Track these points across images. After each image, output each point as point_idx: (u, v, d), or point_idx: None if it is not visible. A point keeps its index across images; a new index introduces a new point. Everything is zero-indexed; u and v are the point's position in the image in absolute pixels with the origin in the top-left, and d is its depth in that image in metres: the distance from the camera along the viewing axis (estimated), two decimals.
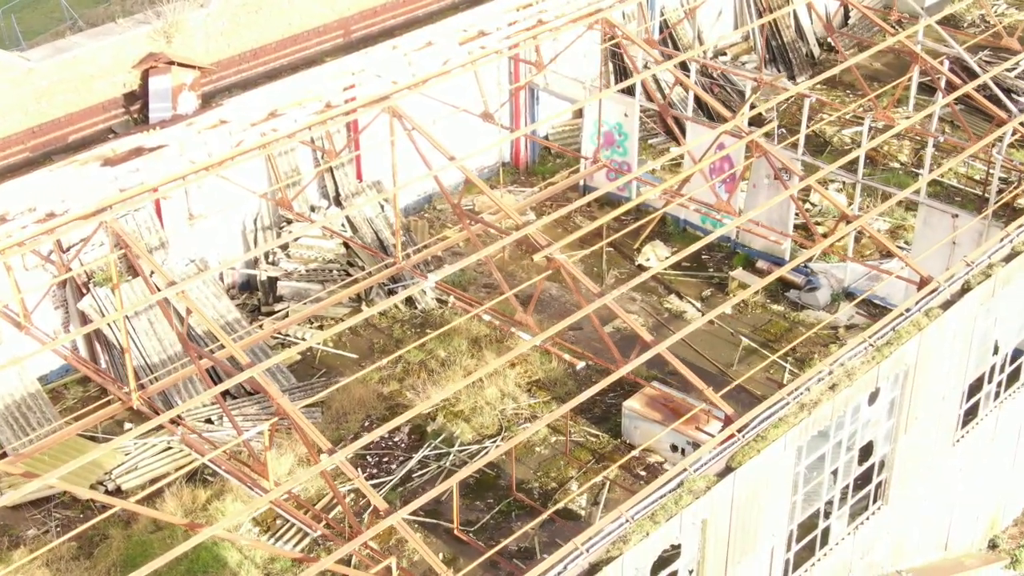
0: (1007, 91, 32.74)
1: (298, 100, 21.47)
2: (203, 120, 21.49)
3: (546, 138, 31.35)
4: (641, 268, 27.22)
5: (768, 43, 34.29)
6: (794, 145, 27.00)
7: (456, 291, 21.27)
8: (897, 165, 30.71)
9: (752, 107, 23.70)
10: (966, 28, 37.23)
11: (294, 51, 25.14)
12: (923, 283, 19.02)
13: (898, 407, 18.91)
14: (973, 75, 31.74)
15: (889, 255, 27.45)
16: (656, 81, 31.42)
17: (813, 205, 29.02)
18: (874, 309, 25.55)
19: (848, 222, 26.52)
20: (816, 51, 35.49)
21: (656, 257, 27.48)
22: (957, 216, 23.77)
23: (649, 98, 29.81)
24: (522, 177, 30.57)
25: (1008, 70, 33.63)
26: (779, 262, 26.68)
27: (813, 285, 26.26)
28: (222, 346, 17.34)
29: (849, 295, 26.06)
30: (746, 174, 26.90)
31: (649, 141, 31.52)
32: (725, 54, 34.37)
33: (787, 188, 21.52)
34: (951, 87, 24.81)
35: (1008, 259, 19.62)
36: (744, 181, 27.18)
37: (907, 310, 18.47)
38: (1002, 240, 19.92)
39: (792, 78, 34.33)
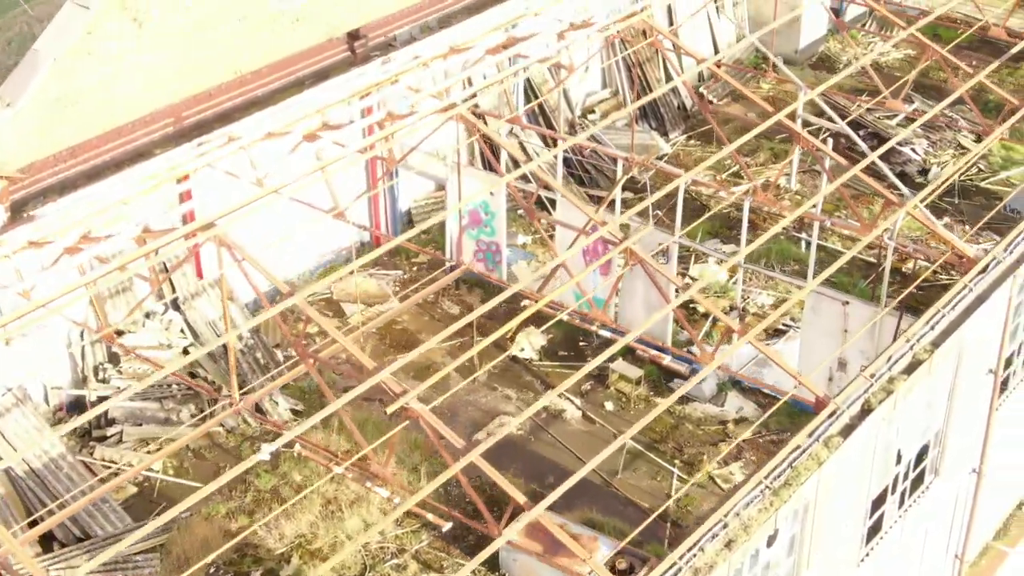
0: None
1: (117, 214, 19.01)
2: (12, 237, 18.97)
3: (408, 212, 29.15)
4: (516, 360, 25.20)
5: (639, 98, 32.55)
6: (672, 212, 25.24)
7: (303, 440, 18.84)
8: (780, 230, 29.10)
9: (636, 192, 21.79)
10: (842, 71, 35.92)
11: (119, 145, 22.56)
12: (819, 405, 17.26)
13: (799, 543, 17.14)
14: (866, 130, 30.42)
15: (778, 333, 25.84)
16: (524, 148, 29.40)
17: (693, 279, 27.28)
18: (763, 398, 23.87)
19: (731, 308, 24.84)
20: (688, 103, 33.87)
21: (531, 346, 25.46)
22: (848, 303, 22.18)
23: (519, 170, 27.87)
24: (384, 257, 28.31)
25: (890, 118, 32.39)
26: (661, 349, 24.85)
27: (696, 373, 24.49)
28: None
29: (737, 383, 24.34)
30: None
31: (519, 211, 29.50)
32: (594, 111, 32.54)
33: (668, 301, 19.70)
34: (853, 152, 23.28)
35: (910, 369, 17.98)
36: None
37: (809, 435, 16.69)
38: (905, 343, 18.29)
39: (665, 134, 32.64)
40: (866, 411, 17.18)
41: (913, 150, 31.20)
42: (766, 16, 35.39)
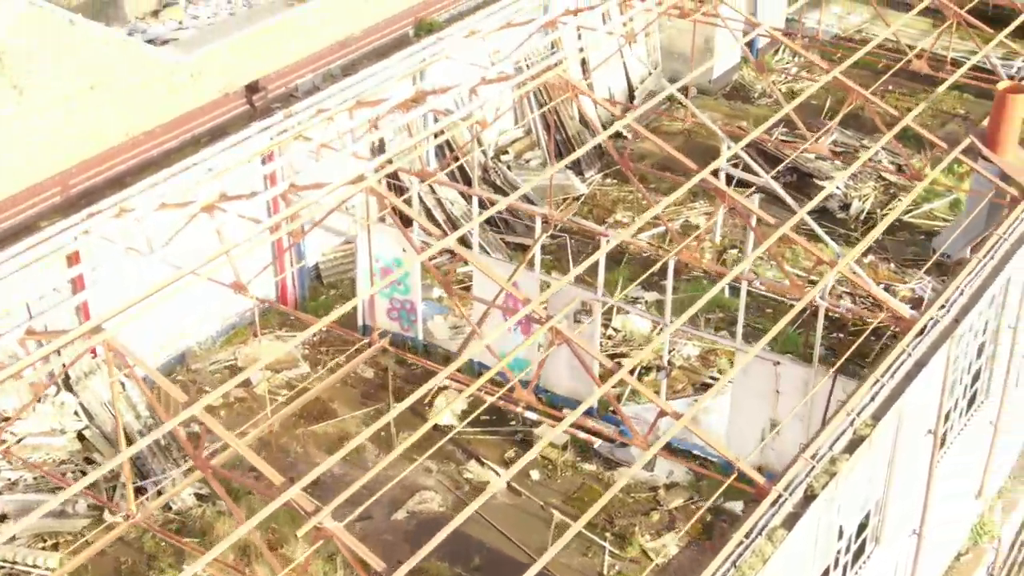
0: (820, 177, 30.76)
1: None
2: None
3: (316, 268, 27.79)
4: (436, 428, 23.95)
5: (552, 136, 31.48)
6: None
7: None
8: (700, 273, 28.24)
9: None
10: (757, 100, 35.28)
11: (1, 220, 20.99)
12: (760, 492, 16.29)
13: None
14: (785, 165, 29.66)
15: (705, 386, 24.93)
16: (441, 203, 28.17)
17: (616, 331, 26.27)
18: (694, 459, 22.92)
19: (658, 368, 23.88)
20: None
21: (451, 411, 24.26)
22: (779, 364, 21.32)
23: (433, 222, 26.73)
24: (291, 318, 26.92)
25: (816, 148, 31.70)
26: (587, 411, 23.79)
27: (624, 435, 23.48)
28: None
29: (666, 445, 23.34)
30: None
31: (435, 261, 28.27)
32: (507, 152, 31.44)
33: (589, 369, 18.66)
34: (791, 196, 22.40)
35: (852, 446, 17.10)
36: None
37: (747, 534, 15.71)
38: (846, 417, 17.40)
39: (580, 173, 31.64)
40: (809, 497, 16.25)
41: (837, 187, 30.52)
42: (679, 46, 34.64)
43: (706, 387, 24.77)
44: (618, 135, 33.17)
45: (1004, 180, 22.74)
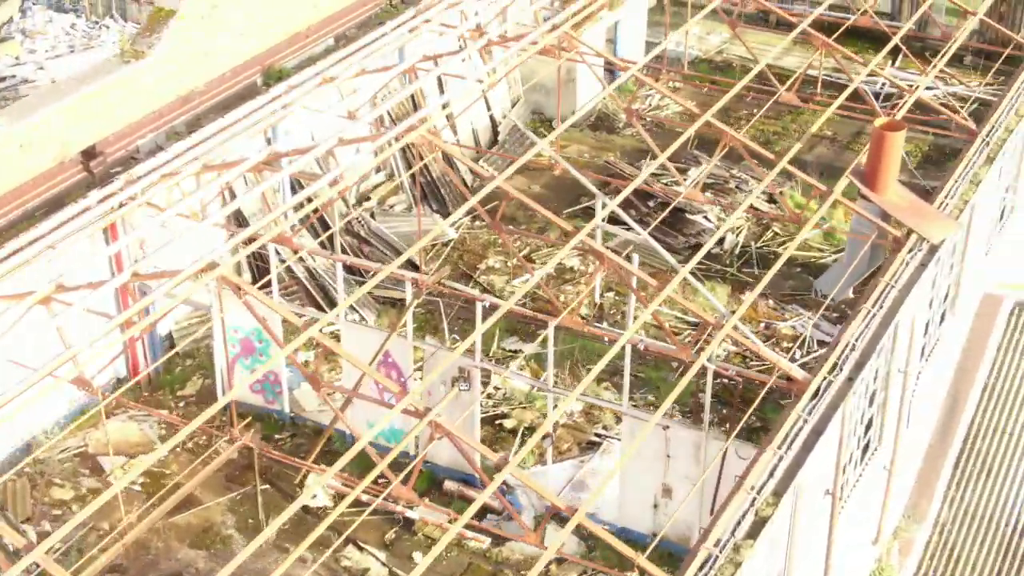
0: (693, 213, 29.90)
1: None
2: None
3: (169, 335, 25.95)
4: (308, 510, 22.41)
5: (415, 179, 30.14)
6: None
7: None
8: (582, 318, 27.16)
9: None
10: (623, 130, 34.37)
11: None
12: None
13: None
14: (655, 200, 28.77)
15: (592, 444, 23.85)
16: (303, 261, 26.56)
17: (497, 388, 25.03)
18: (586, 528, 21.79)
19: (544, 436, 22.71)
20: (469, 178, 31.66)
21: (324, 492, 22.74)
22: (668, 427, 20.32)
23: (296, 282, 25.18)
24: (145, 394, 25.06)
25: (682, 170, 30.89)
26: (470, 480, 22.52)
27: (514, 506, 22.26)
28: None
29: (556, 514, 22.19)
30: None
31: (305, 312, 26.63)
32: (369, 198, 29.98)
33: (472, 461, 17.38)
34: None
35: (755, 530, 16.13)
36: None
37: None
38: (746, 496, 16.43)
39: (446, 215, 30.30)
40: None
41: (706, 217, 29.77)
42: (540, 77, 33.55)
43: (592, 445, 23.70)
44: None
45: (885, 220, 22.11)
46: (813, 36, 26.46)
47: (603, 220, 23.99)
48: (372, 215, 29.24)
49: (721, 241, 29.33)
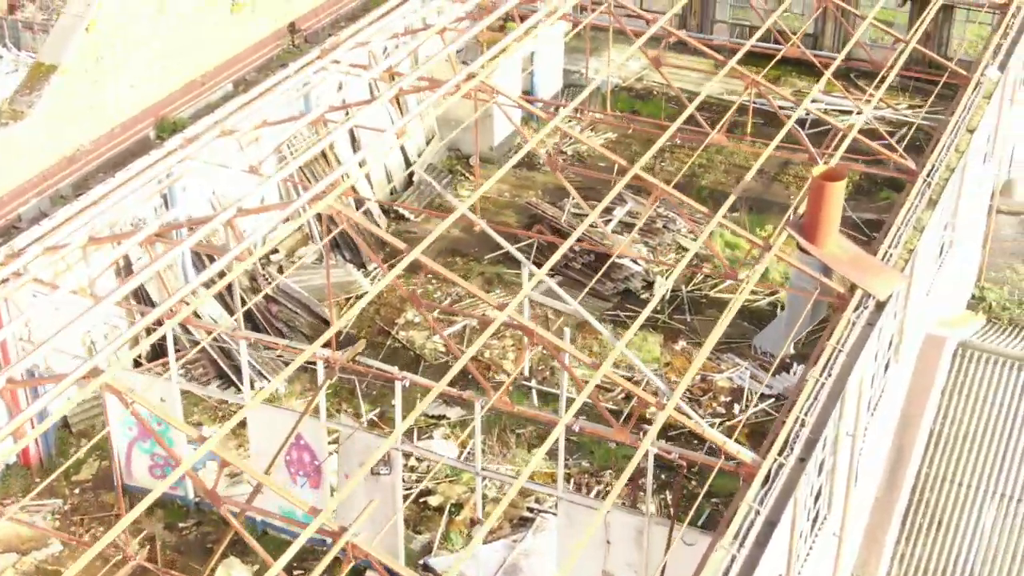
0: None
1: None
2: None
3: (64, 419, 23.90)
4: None
5: (328, 230, 28.34)
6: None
7: None
8: (506, 377, 25.59)
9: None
10: (543, 166, 32.84)
11: None
12: None
13: None
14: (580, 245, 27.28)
15: (524, 520, 22.30)
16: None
17: (420, 461, 23.38)
18: None
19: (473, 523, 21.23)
20: (383, 224, 29.99)
21: None
22: (609, 512, 18.80)
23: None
24: (37, 480, 23.04)
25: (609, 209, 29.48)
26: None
27: None
28: None
29: None
30: None
31: (207, 394, 24.76)
32: (277, 251, 28.16)
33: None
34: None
35: None
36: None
37: None
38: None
39: (361, 266, 28.61)
40: None
41: (634, 261, 28.37)
42: (455, 112, 31.90)
43: (525, 521, 22.17)
44: (400, 217, 30.33)
45: (827, 274, 20.81)
46: (742, 74, 25.13)
47: (532, 261, 22.36)
48: (280, 269, 27.47)
49: (650, 286, 27.94)
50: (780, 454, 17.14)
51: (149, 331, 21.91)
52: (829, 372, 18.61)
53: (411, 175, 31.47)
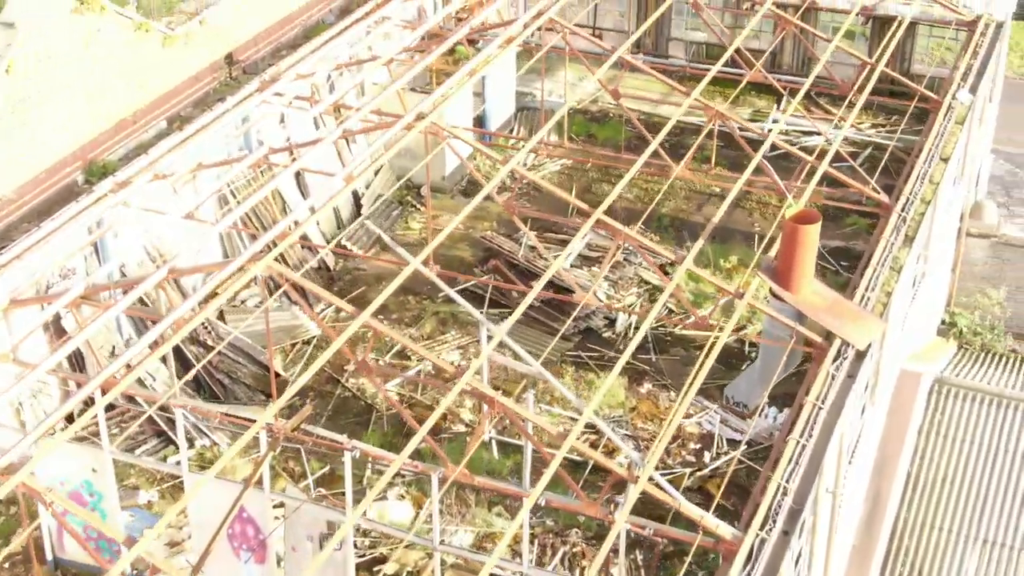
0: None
1: None
2: None
3: None
4: None
5: (270, 290, 26.87)
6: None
7: None
8: (462, 428, 24.25)
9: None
10: (497, 194, 31.43)
11: None
12: None
13: None
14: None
15: None
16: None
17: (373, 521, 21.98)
18: None
19: None
20: (331, 261, 28.56)
21: None
22: None
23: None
24: None
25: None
26: None
27: None
28: None
29: None
30: None
31: (139, 452, 23.24)
32: (217, 293, 26.55)
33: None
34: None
35: None
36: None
37: None
38: None
39: (310, 307, 27.09)
40: None
41: (595, 296, 27.08)
42: (406, 145, 30.55)
43: None
44: (345, 253, 28.90)
45: (801, 321, 19.66)
46: (705, 105, 23.95)
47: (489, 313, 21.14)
48: (221, 315, 25.96)
49: (612, 323, 26.69)
50: (762, 528, 15.94)
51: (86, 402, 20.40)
52: (810, 432, 17.44)
53: (359, 210, 30.04)
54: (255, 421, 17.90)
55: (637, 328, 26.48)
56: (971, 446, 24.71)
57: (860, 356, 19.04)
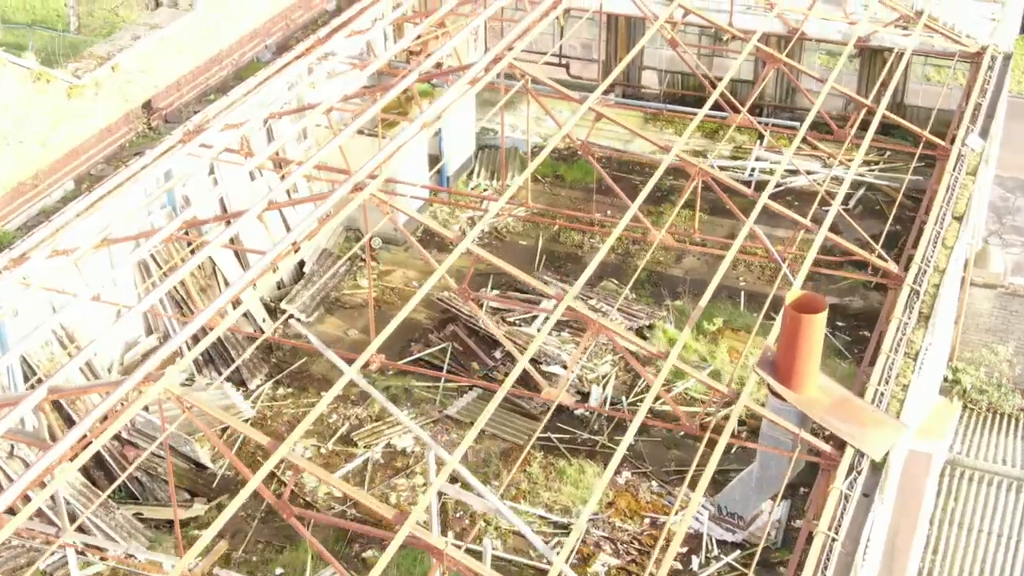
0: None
1: None
2: None
3: None
4: None
5: (196, 341, 23.87)
6: None
7: None
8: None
9: None
10: (452, 247, 28.49)
11: None
12: None
13: None
14: (502, 349, 22.96)
15: None
16: None
17: None
18: None
19: None
20: (268, 328, 25.57)
21: None
22: None
23: None
24: None
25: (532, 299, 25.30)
26: None
27: None
28: None
29: None
30: None
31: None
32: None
33: None
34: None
35: None
36: None
37: None
38: None
39: (242, 383, 24.17)
40: None
41: (563, 365, 24.22)
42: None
43: None
44: (290, 316, 25.93)
45: (804, 424, 16.84)
46: (687, 162, 21.14)
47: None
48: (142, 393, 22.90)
49: (585, 398, 23.81)
50: None
51: None
52: (823, 571, 14.62)
53: (302, 268, 27.04)
54: (160, 566, 15.00)
55: (614, 404, 23.67)
56: (988, 537, 22.04)
57: (877, 467, 16.25)
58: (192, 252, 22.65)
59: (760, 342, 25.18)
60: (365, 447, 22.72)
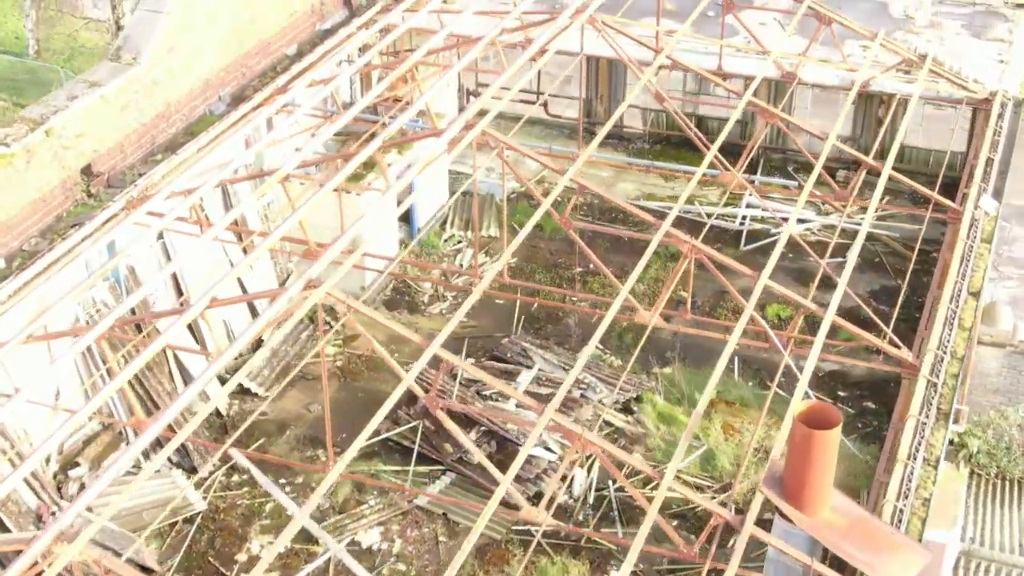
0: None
1: None
2: None
3: None
4: None
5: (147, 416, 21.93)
6: None
7: None
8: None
9: None
10: (427, 307, 26.62)
11: None
12: None
13: None
14: (479, 428, 21.26)
15: None
16: None
17: None
18: None
19: None
20: (224, 406, 23.62)
21: None
22: None
23: None
24: None
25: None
26: None
27: None
28: None
29: None
30: None
31: None
32: (78, 463, 21.63)
33: None
34: None
35: None
36: None
37: None
38: None
39: (193, 470, 22.22)
40: None
41: (548, 448, 22.34)
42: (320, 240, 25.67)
43: None
44: (247, 392, 23.98)
45: (814, 550, 15.01)
46: (679, 239, 19.32)
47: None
48: (83, 486, 21.02)
49: (568, 484, 21.92)
50: None
51: None
52: None
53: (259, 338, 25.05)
54: None
55: (600, 491, 21.81)
56: None
57: None
58: (147, 336, 20.70)
59: (755, 415, 23.55)
60: (333, 533, 20.81)
